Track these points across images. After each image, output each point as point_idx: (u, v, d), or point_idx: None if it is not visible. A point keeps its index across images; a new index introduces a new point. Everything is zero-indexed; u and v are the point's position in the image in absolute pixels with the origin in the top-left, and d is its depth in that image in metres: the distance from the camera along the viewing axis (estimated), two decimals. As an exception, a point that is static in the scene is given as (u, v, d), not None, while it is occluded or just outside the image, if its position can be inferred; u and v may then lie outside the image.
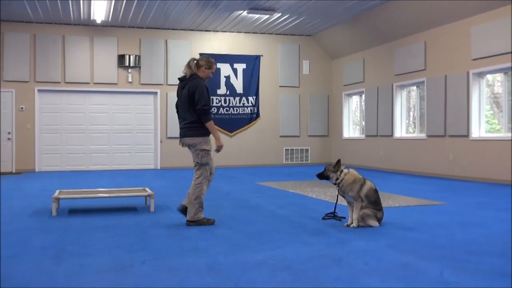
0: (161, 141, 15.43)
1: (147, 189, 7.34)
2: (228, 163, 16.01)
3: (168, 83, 15.48)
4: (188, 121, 5.76)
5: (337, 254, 4.28)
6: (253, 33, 16.28)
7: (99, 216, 6.41)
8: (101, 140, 15.12)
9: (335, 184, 5.67)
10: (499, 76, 10.99)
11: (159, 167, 15.43)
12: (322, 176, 5.77)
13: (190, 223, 5.71)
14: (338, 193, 5.70)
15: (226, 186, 10.28)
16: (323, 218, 6.05)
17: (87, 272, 3.76)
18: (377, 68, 14.61)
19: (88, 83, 14.86)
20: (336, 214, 6.02)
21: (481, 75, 11.10)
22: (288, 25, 15.33)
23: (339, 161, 5.72)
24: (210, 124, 5.74)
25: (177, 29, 15.57)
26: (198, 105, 5.64)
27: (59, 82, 14.65)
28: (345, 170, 5.65)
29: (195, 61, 5.82)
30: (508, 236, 5.03)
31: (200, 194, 5.78)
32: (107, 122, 15.15)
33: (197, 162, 5.84)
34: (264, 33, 16.37)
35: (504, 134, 10.61)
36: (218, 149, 5.86)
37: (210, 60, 5.88)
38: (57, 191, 7.08)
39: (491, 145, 10.65)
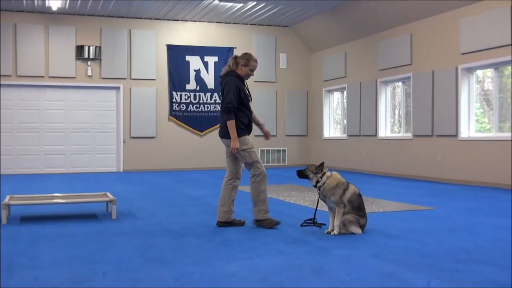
0: (124, 141, 15.31)
1: (108, 194, 7.28)
2: (198, 165, 15.96)
3: (132, 77, 15.36)
4: (223, 119, 6.08)
5: (316, 264, 4.29)
6: (225, 23, 16.26)
7: (55, 224, 6.32)
8: (57, 140, 14.92)
9: (315, 186, 5.70)
10: (489, 72, 11.19)
11: (121, 170, 15.31)
12: (302, 174, 5.82)
13: (257, 222, 6.07)
14: (319, 197, 5.72)
15: (194, 190, 10.25)
16: (302, 225, 6.07)
17: (42, 286, 3.71)
18: (360, 62, 14.74)
19: (43, 76, 14.66)
20: (315, 220, 6.05)
21: (470, 70, 11.29)
22: (263, 15, 15.36)
23: (322, 164, 5.75)
24: (230, 124, 5.92)
25: (142, 18, 15.47)
26: (223, 102, 5.95)
27: (10, 76, 14.41)
28: (328, 173, 5.67)
29: (236, 59, 6.08)
30: (500, 243, 5.12)
31: (259, 193, 6.09)
32: (63, 120, 14.96)
33: (245, 163, 6.18)
34: (238, 23, 16.37)
35: (494, 134, 10.81)
36: (232, 151, 6.07)
37: (247, 56, 6.04)
38: (8, 197, 6.96)
39: (481, 145, 10.83)
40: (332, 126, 16.62)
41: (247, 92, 6.11)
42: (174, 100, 15.77)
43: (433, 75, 12.02)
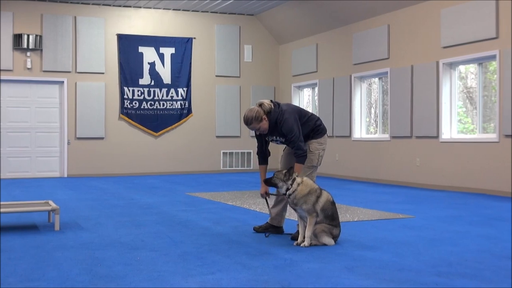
0: (68, 143, 15.12)
1: (50, 202, 7.18)
2: (152, 170, 15.87)
3: (78, 70, 15.19)
4: None
5: (284, 279, 4.31)
6: (183, 10, 16.22)
7: (-11, 237, 6.21)
8: (-9, 141, 14.65)
9: (285, 194, 5.72)
10: (472, 67, 11.42)
11: (65, 175, 15.11)
12: (270, 183, 5.84)
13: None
14: (289, 205, 5.76)
15: (147, 198, 10.19)
16: (266, 235, 6.11)
17: (-27, 308, 3.64)
18: (333, 55, 14.86)
19: (-25, 69, 14.41)
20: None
21: (452, 65, 11.50)
22: (226, 2, 15.36)
23: (291, 169, 5.75)
24: None
25: (88, 4, 15.30)
26: None
27: None
28: (298, 180, 5.68)
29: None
30: (484, 254, 5.23)
31: None
32: (-1, 118, 14.72)
33: None
34: (198, 11, 16.34)
35: (478, 135, 11.03)
36: None
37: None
38: None
39: (464, 148, 11.04)
40: (302, 126, 16.68)
41: (268, 138, 6.25)
42: (125, 96, 15.65)
43: (412, 71, 12.20)
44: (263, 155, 6.39)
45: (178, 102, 16.20)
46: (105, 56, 15.51)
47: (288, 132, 5.95)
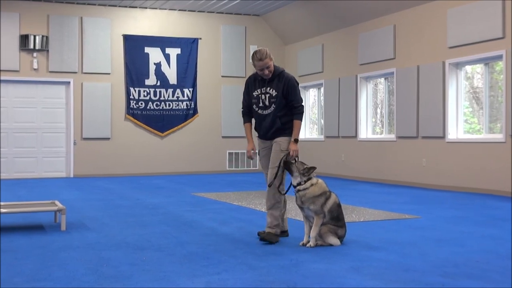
0: (75, 143, 15.16)
1: (56, 202, 7.20)
2: (157, 170, 15.88)
3: (84, 71, 15.22)
4: None
5: (290, 280, 4.32)
6: (189, 11, 16.23)
7: (-5, 237, 6.23)
8: (-3, 141, 14.70)
9: (294, 186, 5.70)
10: (479, 67, 11.39)
11: (72, 175, 15.15)
12: (288, 166, 5.82)
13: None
14: (296, 203, 5.74)
15: (153, 198, 10.20)
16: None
17: (-21, 308, 3.66)
18: (339, 55, 14.85)
19: (-19, 69, 14.46)
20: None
21: (458, 65, 11.48)
22: (232, 2, 15.37)
23: (312, 168, 5.72)
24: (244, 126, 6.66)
25: (94, 4, 15.34)
26: None
27: None
28: (313, 180, 5.66)
29: None
30: (490, 255, 5.22)
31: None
32: (5, 119, 14.73)
33: None
34: (204, 12, 16.35)
35: (484, 136, 11.00)
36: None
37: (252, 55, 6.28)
38: None
39: (470, 148, 11.01)
40: (308, 127, 16.71)
41: (256, 93, 6.29)
42: (131, 96, 15.67)
43: (418, 71, 12.18)
44: (250, 114, 6.60)
45: (184, 103, 16.22)
46: (111, 57, 15.54)
47: (291, 88, 6.26)
